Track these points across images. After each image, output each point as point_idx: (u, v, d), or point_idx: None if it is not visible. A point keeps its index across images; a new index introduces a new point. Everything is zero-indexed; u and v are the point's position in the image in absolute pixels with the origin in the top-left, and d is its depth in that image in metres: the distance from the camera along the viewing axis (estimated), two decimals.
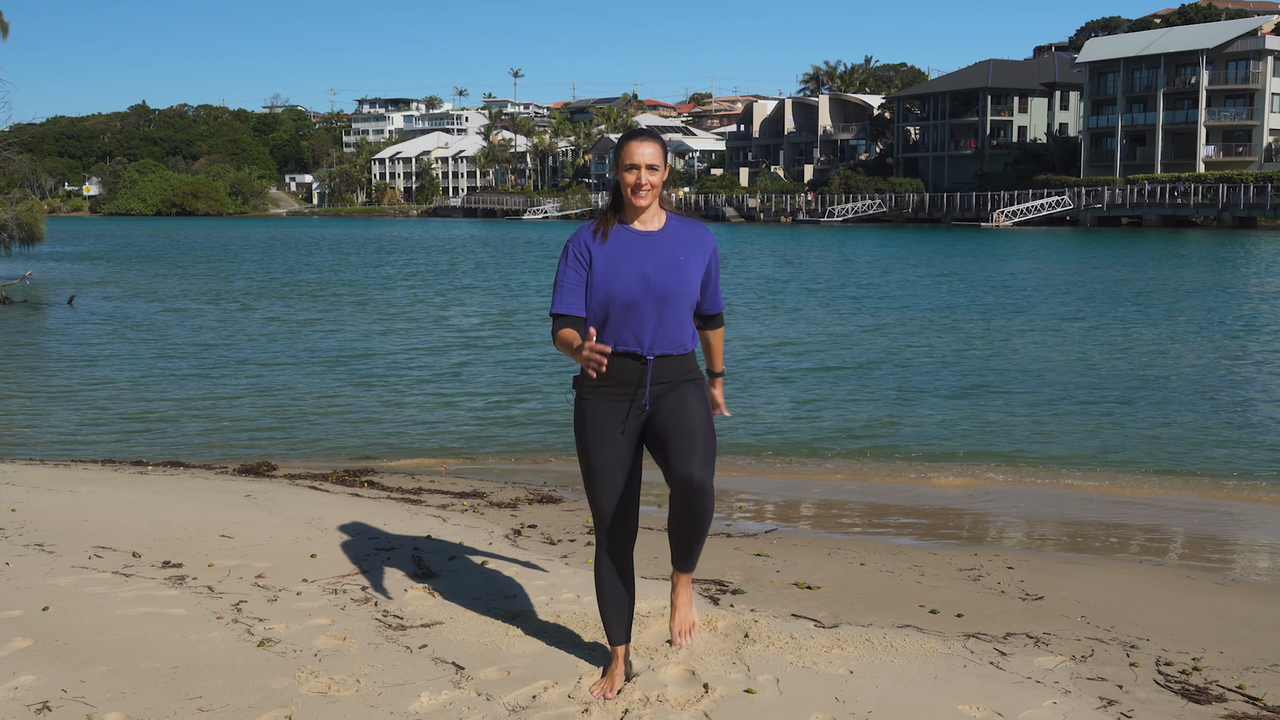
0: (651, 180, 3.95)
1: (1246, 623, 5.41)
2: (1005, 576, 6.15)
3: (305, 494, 7.88)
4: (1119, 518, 8.13)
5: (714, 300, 4.22)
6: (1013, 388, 14.16)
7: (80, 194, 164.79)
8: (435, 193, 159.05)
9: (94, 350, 18.46)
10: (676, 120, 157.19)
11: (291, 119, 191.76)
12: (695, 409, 4.01)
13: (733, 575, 6.03)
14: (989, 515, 8.27)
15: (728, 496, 8.63)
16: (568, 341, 3.90)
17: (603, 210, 4.13)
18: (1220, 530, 7.85)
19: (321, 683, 4.25)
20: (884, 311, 24.43)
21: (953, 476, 9.49)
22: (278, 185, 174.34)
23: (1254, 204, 70.79)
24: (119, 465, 9.51)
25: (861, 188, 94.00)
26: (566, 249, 4.03)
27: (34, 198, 39.36)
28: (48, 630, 4.75)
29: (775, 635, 4.85)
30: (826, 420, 12.05)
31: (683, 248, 4.03)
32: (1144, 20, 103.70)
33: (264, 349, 18.60)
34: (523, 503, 8.01)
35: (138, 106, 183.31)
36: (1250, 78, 78.12)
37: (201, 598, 5.23)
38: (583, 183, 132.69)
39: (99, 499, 7.40)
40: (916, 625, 5.16)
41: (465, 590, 5.44)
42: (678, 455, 3.93)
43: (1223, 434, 11.20)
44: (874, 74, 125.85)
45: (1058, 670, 4.58)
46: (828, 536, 7.34)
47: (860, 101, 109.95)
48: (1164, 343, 18.74)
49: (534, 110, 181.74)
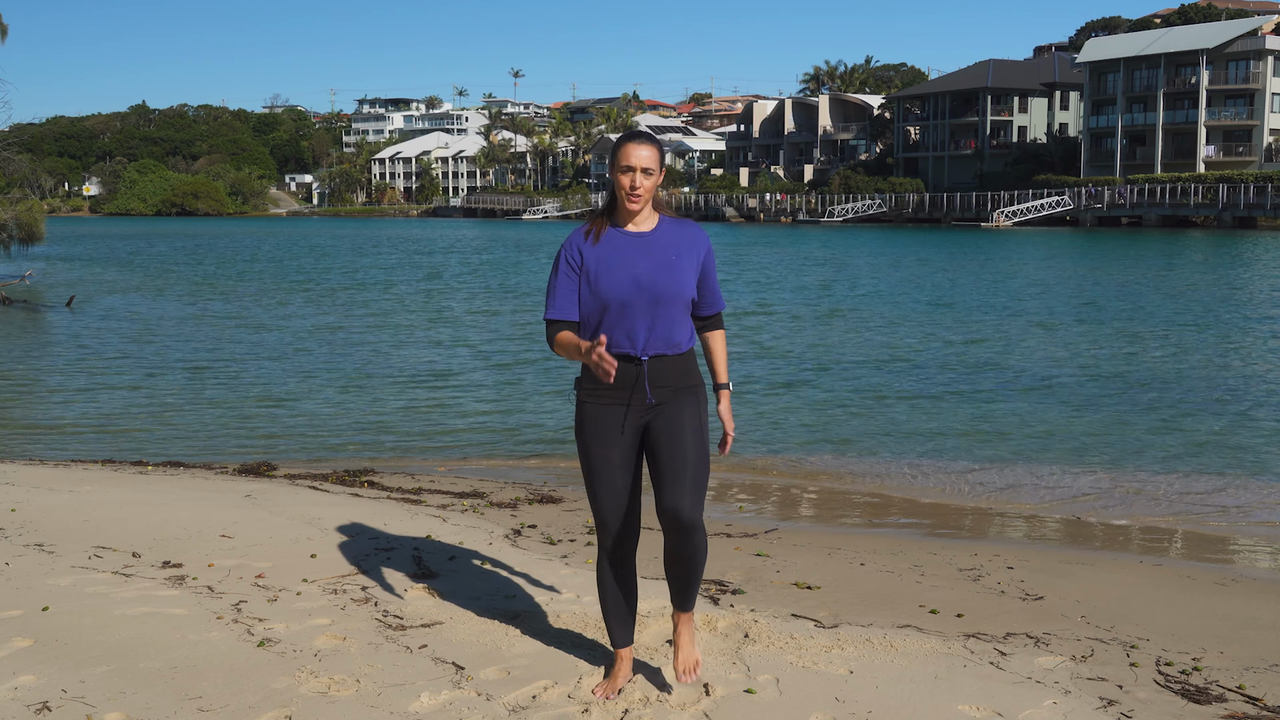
0: (646, 184, 3.95)
1: (1247, 623, 5.40)
2: (1005, 576, 6.14)
3: (305, 494, 7.88)
4: (1119, 517, 8.13)
5: (712, 300, 4.18)
6: (1014, 387, 14.16)
7: (80, 194, 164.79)
8: (435, 193, 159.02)
9: (94, 350, 18.46)
10: (676, 120, 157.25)
11: (291, 119, 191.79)
12: (689, 432, 3.99)
13: (733, 575, 6.03)
14: (989, 515, 8.27)
15: (728, 496, 8.63)
16: (569, 345, 3.90)
17: (596, 212, 4.14)
18: (1220, 530, 7.85)
19: (321, 683, 4.25)
20: (884, 311, 24.42)
21: (953, 476, 9.49)
22: (278, 185, 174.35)
23: (1254, 204, 70.77)
24: (119, 465, 9.51)
25: (861, 188, 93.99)
26: (559, 254, 4.06)
27: (34, 198, 39.39)
28: (48, 630, 4.75)
29: (775, 635, 4.85)
30: (826, 420, 12.05)
31: (674, 247, 4.02)
32: (1144, 20, 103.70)
33: (264, 349, 18.60)
34: (523, 503, 8.01)
35: (138, 106, 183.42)
36: (1250, 78, 78.11)
37: (201, 598, 5.23)
38: (583, 183, 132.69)
39: (99, 499, 7.40)
40: (916, 625, 5.16)
41: (465, 590, 5.44)
42: (667, 489, 3.95)
43: (1225, 433, 11.20)
44: (874, 74, 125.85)
45: (1058, 670, 4.58)
46: (828, 536, 7.34)
47: (860, 101, 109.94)
48: (1172, 345, 18.74)
49: (534, 110, 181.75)
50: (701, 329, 4.23)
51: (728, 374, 4.26)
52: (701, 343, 4.23)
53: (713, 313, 4.21)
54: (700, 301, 4.14)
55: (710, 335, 4.24)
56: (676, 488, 3.94)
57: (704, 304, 4.16)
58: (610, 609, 4.20)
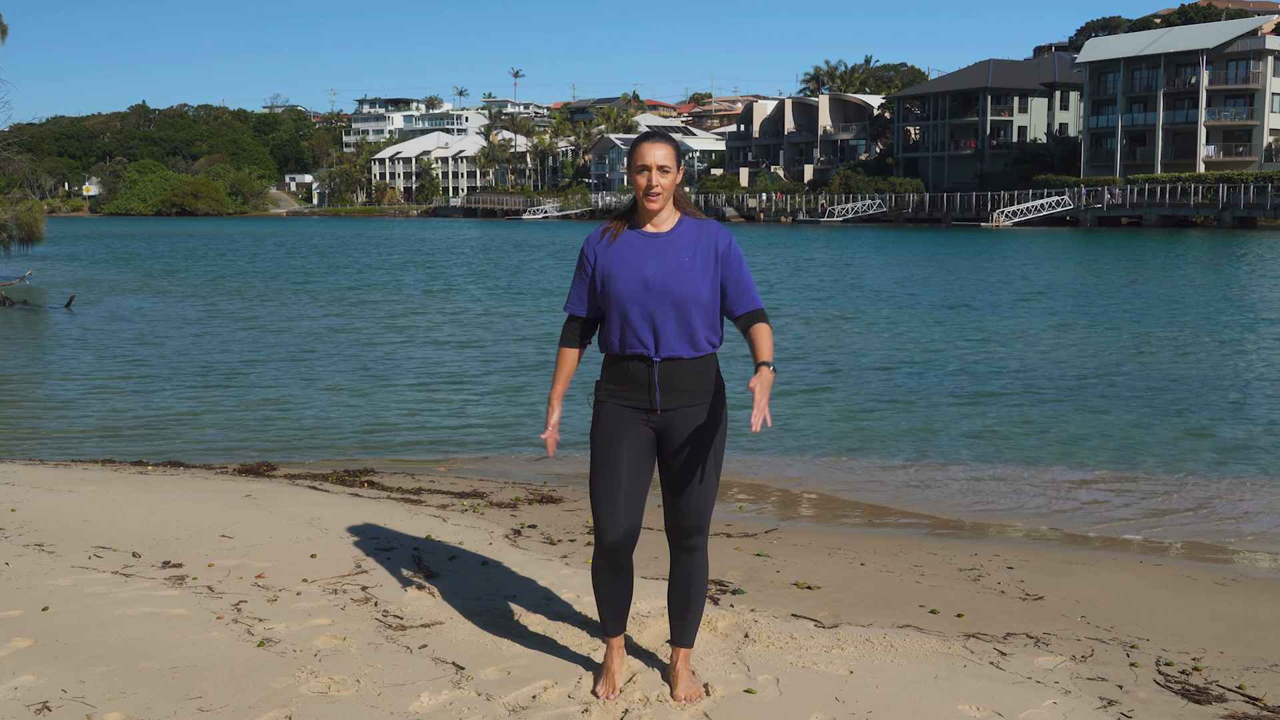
0: (663, 182, 3.94)
1: (1247, 623, 5.40)
2: (1005, 576, 6.14)
3: (305, 494, 7.88)
4: (1119, 517, 8.13)
5: (744, 299, 3.98)
6: (1014, 387, 14.16)
7: (80, 194, 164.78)
8: (435, 193, 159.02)
9: (94, 351, 18.46)
10: (676, 120, 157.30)
11: (291, 119, 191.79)
12: (700, 450, 3.98)
13: (733, 575, 6.03)
14: (989, 515, 8.26)
15: (728, 496, 8.63)
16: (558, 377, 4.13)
17: (616, 213, 4.15)
18: (1221, 529, 7.85)
19: (321, 683, 4.25)
20: (884, 309, 24.43)
21: (953, 476, 9.49)
22: (278, 185, 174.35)
23: (1254, 204, 70.79)
24: (119, 465, 9.51)
25: (861, 188, 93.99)
26: (581, 250, 4.12)
27: (34, 198, 39.34)
28: (48, 630, 4.75)
29: (775, 635, 4.85)
30: (827, 419, 12.05)
31: (690, 248, 3.98)
32: (1144, 20, 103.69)
33: (264, 349, 18.60)
34: (523, 503, 8.01)
35: (138, 106, 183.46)
36: (1250, 78, 78.12)
37: (201, 598, 5.23)
38: (583, 183, 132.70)
39: (99, 499, 7.40)
40: (916, 625, 5.16)
41: (465, 590, 5.44)
42: (669, 506, 4.07)
43: (1226, 433, 11.20)
44: (874, 74, 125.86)
45: (1058, 670, 4.58)
46: (828, 536, 7.34)
47: (860, 101, 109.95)
48: (1173, 345, 18.74)
49: (534, 110, 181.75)
50: (743, 326, 3.99)
51: (771, 356, 3.90)
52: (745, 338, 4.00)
53: (746, 311, 3.98)
54: (729, 302, 3.98)
55: (754, 329, 3.94)
56: (676, 507, 4.05)
57: (734, 304, 3.98)
58: (604, 600, 4.17)
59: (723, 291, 3.99)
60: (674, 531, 4.09)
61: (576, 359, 4.14)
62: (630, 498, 4.01)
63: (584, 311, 4.07)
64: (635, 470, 4.02)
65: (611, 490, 4.00)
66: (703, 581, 4.15)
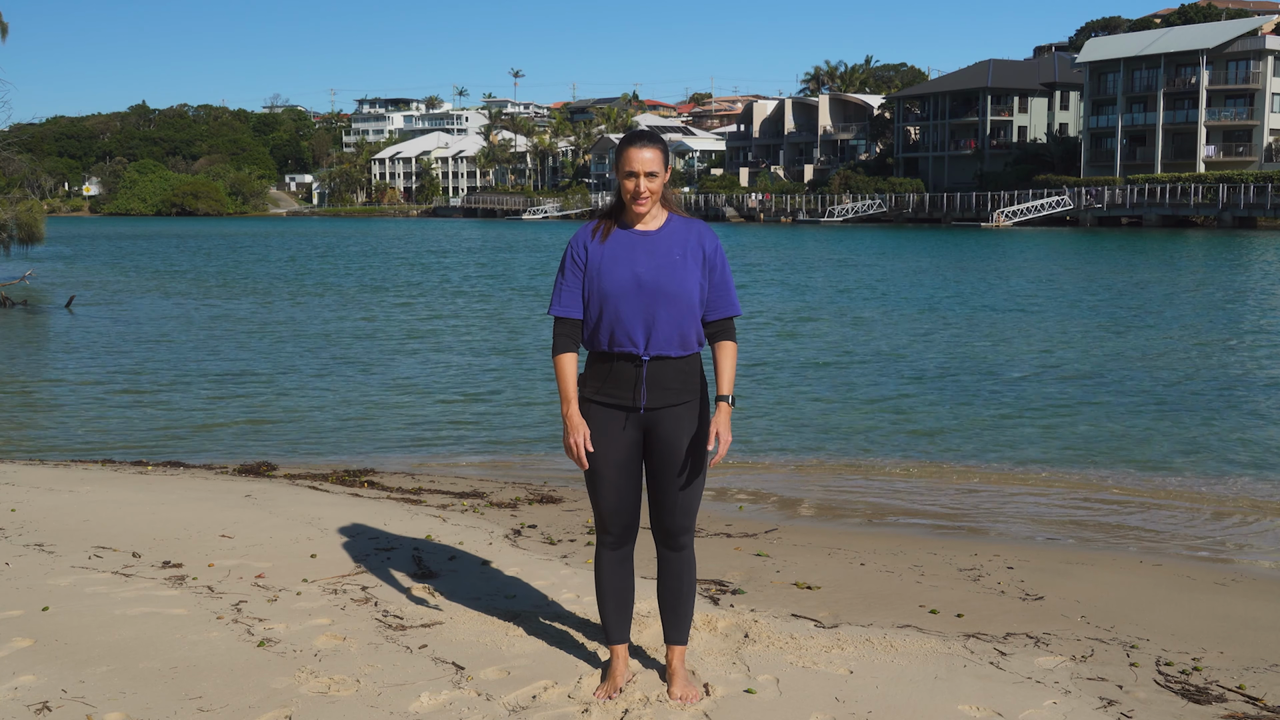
0: (651, 187, 3.93)
1: (1247, 623, 5.40)
2: (1005, 576, 6.14)
3: (305, 494, 7.88)
4: (1119, 517, 8.13)
5: (723, 304, 4.00)
6: (1014, 387, 14.16)
7: (80, 194, 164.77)
8: (435, 193, 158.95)
9: (93, 351, 18.46)
10: (676, 120, 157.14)
11: (291, 119, 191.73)
12: (686, 450, 4.00)
13: (733, 575, 6.03)
14: (989, 515, 8.26)
15: (728, 496, 8.63)
16: (563, 381, 3.99)
17: (603, 210, 4.14)
18: (1221, 530, 7.85)
19: (321, 683, 4.25)
20: (883, 309, 24.43)
21: (953, 476, 9.49)
22: (278, 185, 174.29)
23: (1254, 204, 70.74)
24: (119, 465, 9.51)
25: (861, 188, 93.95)
26: (566, 250, 4.07)
27: (34, 198, 39.29)
28: (48, 630, 4.75)
29: (775, 635, 4.85)
30: (826, 419, 12.05)
31: (679, 246, 3.98)
32: (1144, 20, 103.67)
33: (263, 349, 18.60)
34: (523, 503, 8.01)
35: (138, 106, 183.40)
36: (1250, 78, 78.07)
37: (201, 598, 5.23)
38: (583, 183, 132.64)
39: (99, 499, 7.40)
40: (916, 625, 5.16)
41: (465, 590, 5.44)
42: (655, 506, 4.09)
43: (1226, 433, 11.20)
44: (874, 74, 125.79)
45: (1058, 670, 4.58)
46: (828, 536, 7.33)
47: (860, 101, 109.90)
48: (1175, 345, 18.74)
49: (534, 110, 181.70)
50: (711, 336, 4.02)
51: (733, 387, 3.96)
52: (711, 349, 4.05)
53: (722, 317, 3.99)
54: (709, 304, 3.99)
55: (719, 345, 4.00)
56: (663, 507, 4.07)
57: (713, 307, 3.99)
58: (607, 605, 4.21)
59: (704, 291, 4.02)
60: (661, 531, 4.11)
61: (576, 363, 4.10)
62: (630, 492, 4.09)
63: (578, 313, 4.00)
64: (628, 466, 4.06)
65: (610, 485, 4.05)
66: (692, 577, 4.17)
